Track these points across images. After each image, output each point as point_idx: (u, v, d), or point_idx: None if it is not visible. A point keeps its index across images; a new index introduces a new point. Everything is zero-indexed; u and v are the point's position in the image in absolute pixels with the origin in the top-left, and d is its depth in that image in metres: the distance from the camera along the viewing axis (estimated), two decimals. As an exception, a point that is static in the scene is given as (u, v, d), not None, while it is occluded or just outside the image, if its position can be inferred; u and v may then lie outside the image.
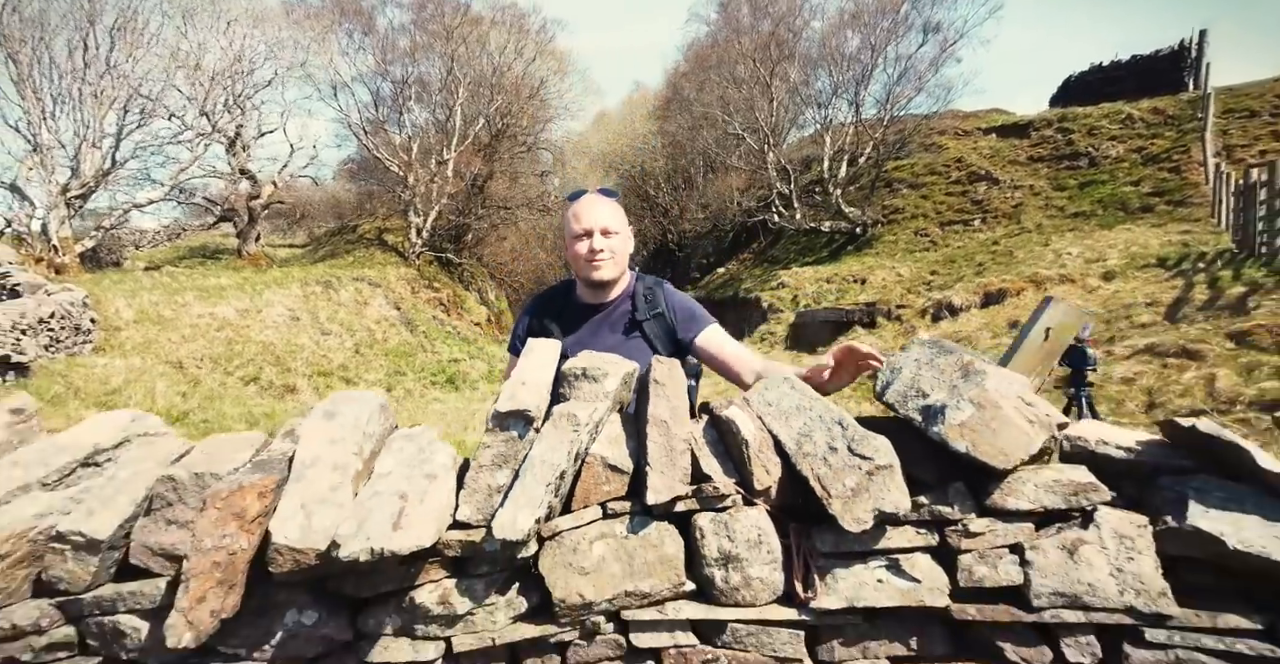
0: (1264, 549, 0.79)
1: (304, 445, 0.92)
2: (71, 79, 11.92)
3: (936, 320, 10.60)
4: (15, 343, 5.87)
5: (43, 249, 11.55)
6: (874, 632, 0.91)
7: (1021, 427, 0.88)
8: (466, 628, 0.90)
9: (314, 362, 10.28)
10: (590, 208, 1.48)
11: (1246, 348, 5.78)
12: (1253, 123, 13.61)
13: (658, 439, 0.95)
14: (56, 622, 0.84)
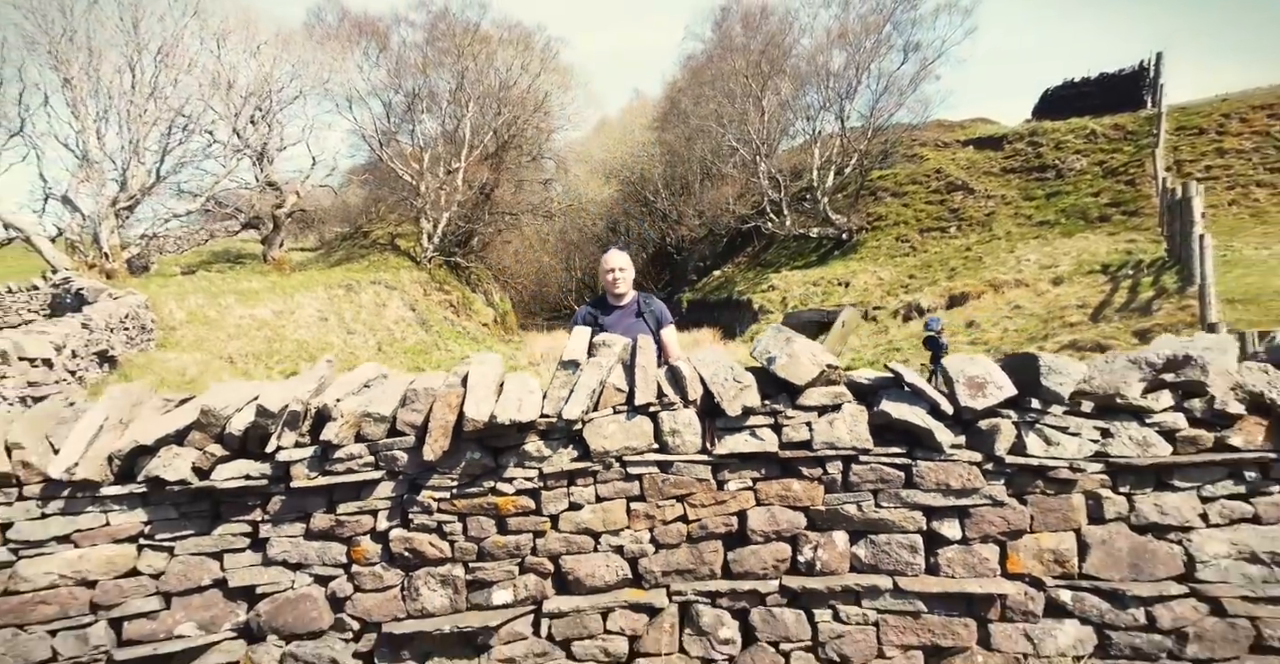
0: (906, 417, 1.76)
1: (472, 374, 1.89)
2: (119, 99, 12.91)
3: (907, 320, 11.57)
4: (108, 340, 6.82)
5: (94, 256, 12.50)
6: (743, 465, 1.86)
7: (808, 365, 1.83)
8: (548, 464, 1.85)
9: (344, 358, 11.23)
10: (613, 256, 2.83)
11: (1146, 343, 6.72)
12: (1200, 139, 14.60)
13: (640, 375, 1.90)
14: (364, 454, 1.80)
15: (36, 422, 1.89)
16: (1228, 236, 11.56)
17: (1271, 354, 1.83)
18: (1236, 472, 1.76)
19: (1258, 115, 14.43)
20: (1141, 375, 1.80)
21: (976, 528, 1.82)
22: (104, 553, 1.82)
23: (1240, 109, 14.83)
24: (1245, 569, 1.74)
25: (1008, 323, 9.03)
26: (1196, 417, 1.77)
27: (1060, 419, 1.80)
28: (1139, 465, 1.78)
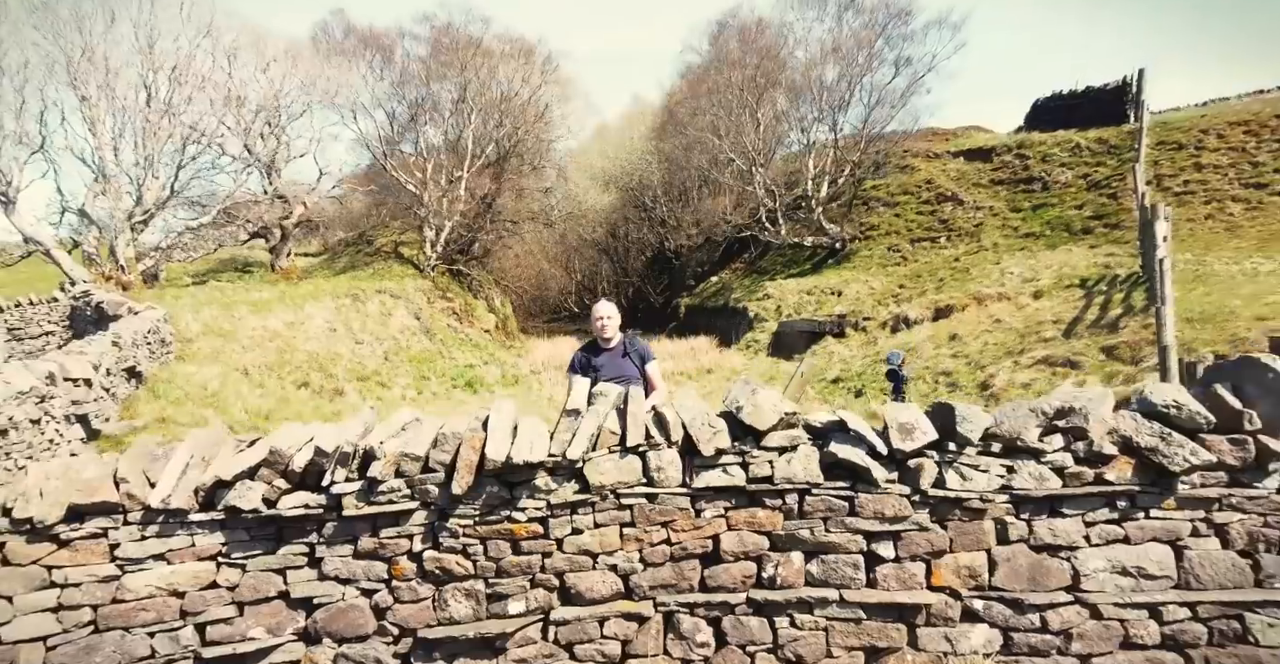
0: (850, 457, 2.15)
1: (492, 419, 2.27)
2: (134, 116, 13.28)
3: (894, 331, 11.97)
4: (135, 356, 7.19)
5: (111, 268, 12.87)
6: (717, 496, 2.25)
7: (769, 413, 2.21)
8: (555, 496, 2.23)
9: (352, 368, 11.61)
10: (601, 307, 3.20)
11: (1113, 359, 7.14)
12: (1179, 154, 15.02)
13: (631, 420, 2.28)
14: (403, 487, 2.18)
15: (135, 459, 2.27)
16: (1203, 250, 11.99)
17: (1140, 404, 2.22)
18: (1111, 501, 2.15)
19: (1234, 131, 14.85)
20: (1038, 422, 2.19)
21: (907, 549, 2.20)
22: (190, 569, 2.20)
23: (1218, 125, 15.25)
24: (1118, 581, 2.12)
25: (988, 336, 9.42)
26: (1081, 456, 2.16)
27: (973, 459, 2.19)
28: (1036, 496, 2.17)
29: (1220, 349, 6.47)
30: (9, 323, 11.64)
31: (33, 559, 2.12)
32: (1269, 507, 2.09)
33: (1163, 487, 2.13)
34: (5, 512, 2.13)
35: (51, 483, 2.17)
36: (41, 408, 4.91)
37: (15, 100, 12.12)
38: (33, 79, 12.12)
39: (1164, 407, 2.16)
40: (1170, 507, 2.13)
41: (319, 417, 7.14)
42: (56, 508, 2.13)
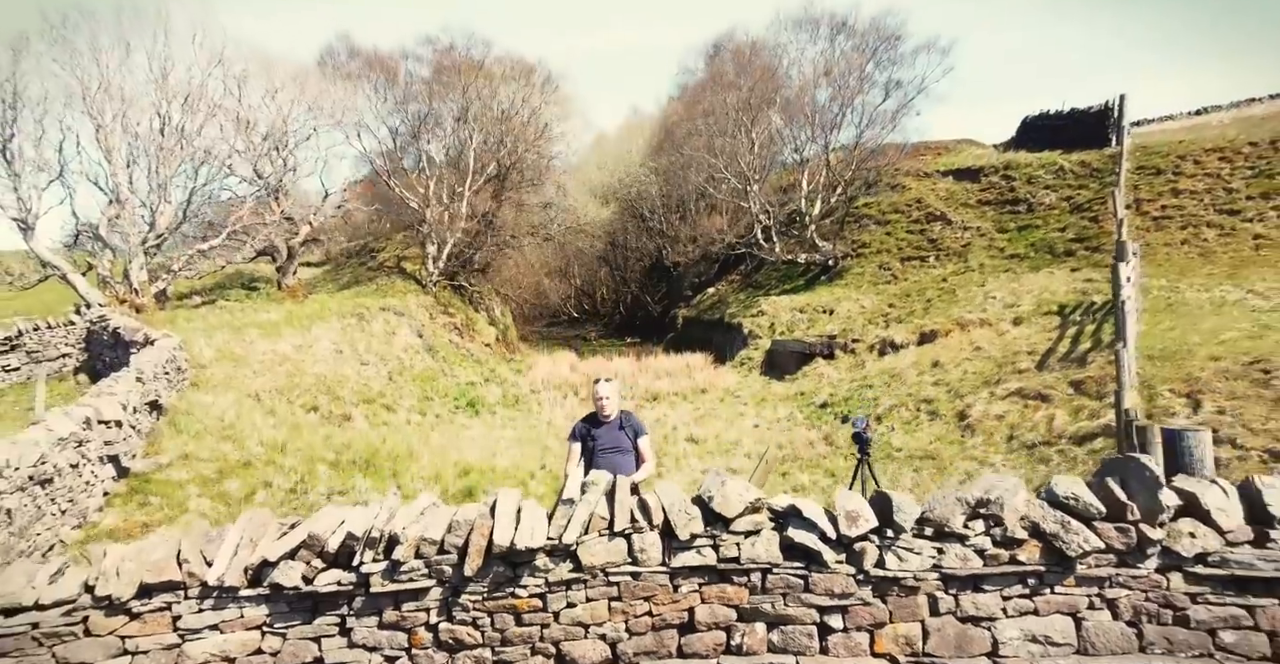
0: (805, 541, 2.51)
1: (499, 506, 2.64)
2: (148, 142, 13.66)
3: (882, 355, 12.35)
4: (156, 389, 7.54)
5: (125, 291, 13.22)
6: (692, 574, 2.61)
7: (736, 502, 2.58)
8: (552, 574, 2.59)
9: (359, 390, 11.96)
10: (602, 387, 3.57)
11: (1080, 394, 7.52)
12: (1158, 180, 15.44)
13: (618, 507, 2.65)
14: (421, 567, 2.55)
15: (194, 540, 2.63)
16: (1177, 276, 12.38)
17: (1047, 494, 2.59)
18: (1024, 578, 2.52)
19: (1210, 157, 15.28)
20: (963, 510, 2.56)
21: (853, 620, 2.57)
22: (240, 638, 2.56)
23: (1195, 151, 15.68)
24: (1029, 647, 2.49)
25: (968, 364, 9.80)
26: (998, 540, 2.53)
27: (909, 542, 2.56)
28: (961, 575, 2.53)
29: (1177, 387, 6.86)
30: (28, 346, 11.98)
31: (110, 630, 2.48)
32: (1149, 584, 2.46)
33: (1064, 567, 2.50)
34: (89, 589, 2.49)
35: (126, 563, 2.53)
36: (79, 451, 5.26)
37: (35, 130, 12.50)
38: (52, 110, 12.50)
39: (1065, 498, 2.54)
40: (1070, 584, 2.50)
41: (329, 447, 7.50)
42: (130, 586, 2.49)
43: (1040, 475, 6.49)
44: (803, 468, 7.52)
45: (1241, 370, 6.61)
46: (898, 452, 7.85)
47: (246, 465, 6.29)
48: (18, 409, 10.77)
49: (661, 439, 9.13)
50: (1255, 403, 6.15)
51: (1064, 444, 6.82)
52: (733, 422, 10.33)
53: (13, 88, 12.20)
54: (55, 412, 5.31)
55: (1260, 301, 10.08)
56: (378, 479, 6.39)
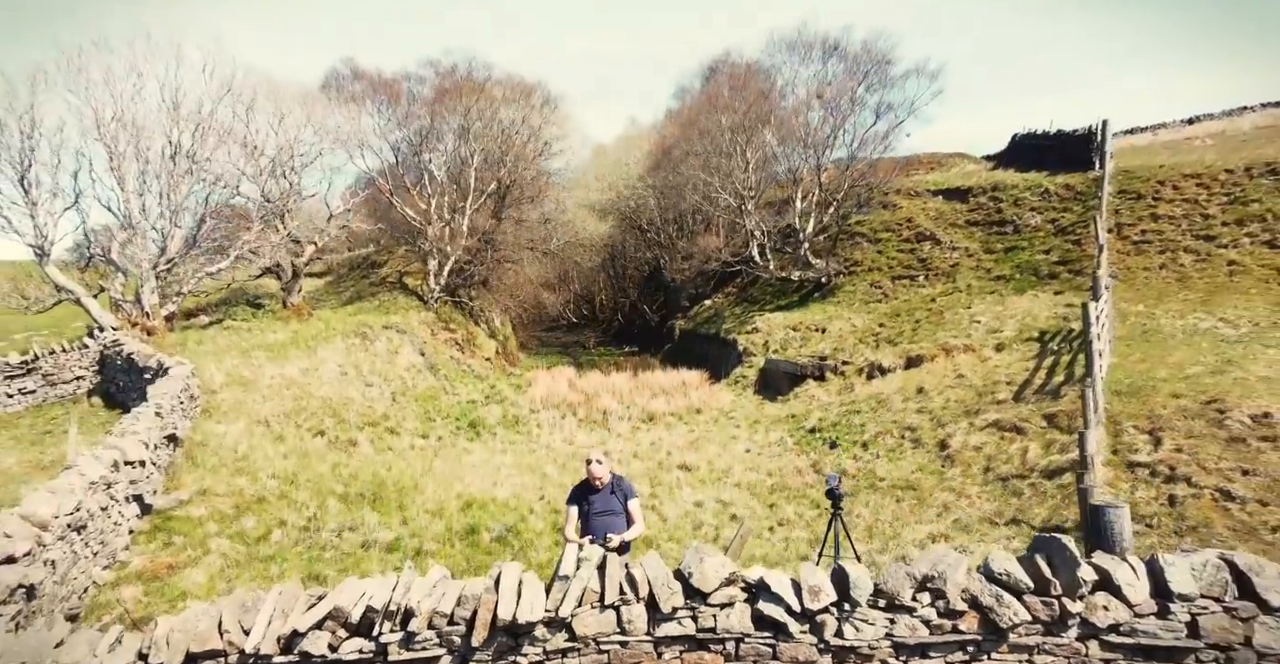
0: (772, 613, 2.85)
1: (503, 580, 2.97)
2: (159, 168, 13.99)
3: (870, 378, 12.69)
4: (174, 422, 7.85)
5: (136, 314, 13.53)
6: (674, 642, 2.93)
7: (713, 577, 2.92)
8: (549, 644, 2.91)
9: (363, 413, 12.27)
10: (595, 467, 3.89)
11: (1053, 427, 7.87)
12: (1138, 204, 15.84)
13: (609, 581, 2.98)
14: (434, 637, 2.88)
15: (232, 611, 2.95)
16: (1154, 301, 12.76)
17: (984, 570, 2.92)
18: (964, 646, 2.85)
19: (1188, 183, 15.68)
20: (911, 584, 2.90)
21: (814, 681, 2.90)
22: (275, 698, 2.88)
23: (1174, 176, 16.08)
24: (968, 711, 2.82)
25: (950, 392, 10.15)
26: (941, 611, 2.86)
27: (864, 613, 2.89)
28: (910, 643, 2.87)
29: (1140, 423, 7.21)
30: (44, 369, 12.28)
31: (160, 695, 2.80)
32: (1070, 651, 2.80)
33: (999, 636, 2.84)
34: (142, 657, 2.81)
35: (175, 634, 2.85)
36: (108, 493, 5.57)
37: (52, 159, 12.82)
38: (68, 139, 12.82)
39: (1000, 574, 2.87)
40: (1004, 651, 2.84)
41: (338, 478, 7.81)
42: (178, 654, 2.81)
43: (1012, 508, 6.84)
44: (790, 498, 7.85)
45: (1199, 409, 6.97)
46: (881, 481, 8.18)
47: (261, 501, 6.60)
48: (34, 432, 11.08)
49: (656, 466, 9.45)
50: (1210, 442, 6.50)
51: (1035, 478, 7.16)
52: (725, 446, 10.66)
53: (30, 119, 12.53)
54: (85, 457, 5.61)
55: (1229, 330, 10.46)
56: (385, 513, 6.70)
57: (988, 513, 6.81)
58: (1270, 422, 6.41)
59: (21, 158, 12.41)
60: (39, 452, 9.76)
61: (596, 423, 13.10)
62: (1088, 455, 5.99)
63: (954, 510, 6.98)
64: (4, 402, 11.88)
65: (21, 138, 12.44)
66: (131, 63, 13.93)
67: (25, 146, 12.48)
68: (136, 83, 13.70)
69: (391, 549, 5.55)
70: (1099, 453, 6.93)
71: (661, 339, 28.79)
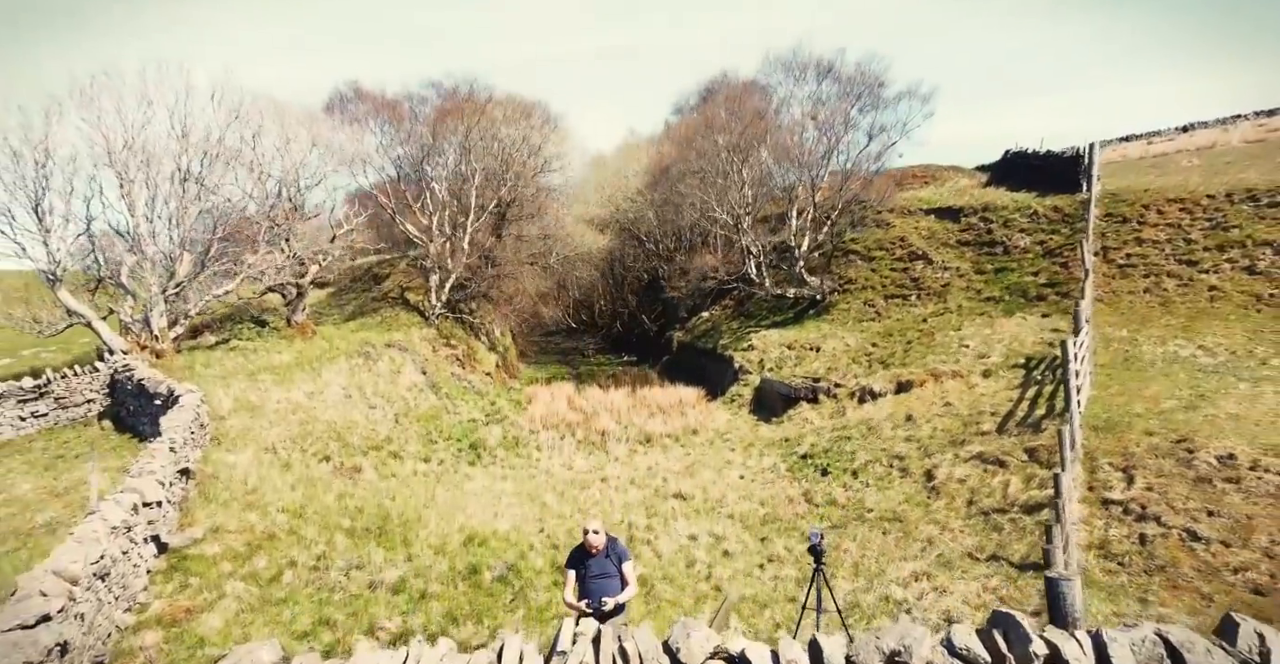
0: (748, 686, 3.13)
1: (504, 654, 3.24)
2: (168, 193, 14.28)
3: (861, 402, 12.97)
4: (186, 455, 8.10)
5: (145, 337, 13.78)
6: (661, 704, 3.21)
7: (699, 653, 3.19)
8: (549, 703, 3.19)
9: (367, 436, 12.52)
10: (592, 537, 4.11)
11: (1033, 461, 8.15)
12: (1124, 228, 16.17)
13: (603, 655, 3.25)
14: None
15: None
16: (1138, 325, 13.07)
17: (947, 644, 3.19)
18: (927, 716, 3.12)
19: (1171, 208, 16.02)
20: (881, 657, 3.17)
21: (790, 743, 3.16)
22: (298, 760, 3.14)
23: (1158, 201, 16.42)
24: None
25: (938, 421, 10.42)
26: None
27: (836, 681, 3.16)
28: (877, 710, 3.14)
29: (1115, 460, 7.50)
30: (56, 392, 12.52)
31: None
32: (1025, 722, 3.07)
33: (960, 704, 3.10)
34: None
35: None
36: (128, 536, 5.82)
37: (65, 187, 13.11)
38: (81, 167, 13.11)
39: (961, 649, 3.15)
40: (964, 718, 3.10)
41: (344, 511, 8.05)
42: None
43: (993, 543, 7.10)
44: (781, 531, 8.11)
45: (1170, 448, 7.25)
46: (869, 512, 8.45)
47: (271, 538, 6.85)
48: (47, 456, 11.31)
49: (652, 494, 9.71)
50: (1178, 482, 6.78)
51: (1015, 512, 7.43)
52: (720, 471, 10.92)
53: (45, 148, 12.81)
54: (108, 502, 5.86)
55: (1207, 359, 10.77)
56: (390, 548, 6.95)
57: (969, 548, 7.08)
58: (1234, 463, 6.69)
59: (36, 186, 12.69)
60: (52, 477, 10.00)
61: (595, 445, 13.36)
62: (1061, 498, 6.26)
63: (938, 544, 7.25)
64: (17, 425, 12.11)
65: (36, 167, 12.72)
66: (142, 91, 14.23)
67: (39, 175, 12.76)
68: (147, 111, 14.00)
69: (397, 590, 5.81)
70: (1075, 490, 7.22)
71: (660, 349, 29.07)
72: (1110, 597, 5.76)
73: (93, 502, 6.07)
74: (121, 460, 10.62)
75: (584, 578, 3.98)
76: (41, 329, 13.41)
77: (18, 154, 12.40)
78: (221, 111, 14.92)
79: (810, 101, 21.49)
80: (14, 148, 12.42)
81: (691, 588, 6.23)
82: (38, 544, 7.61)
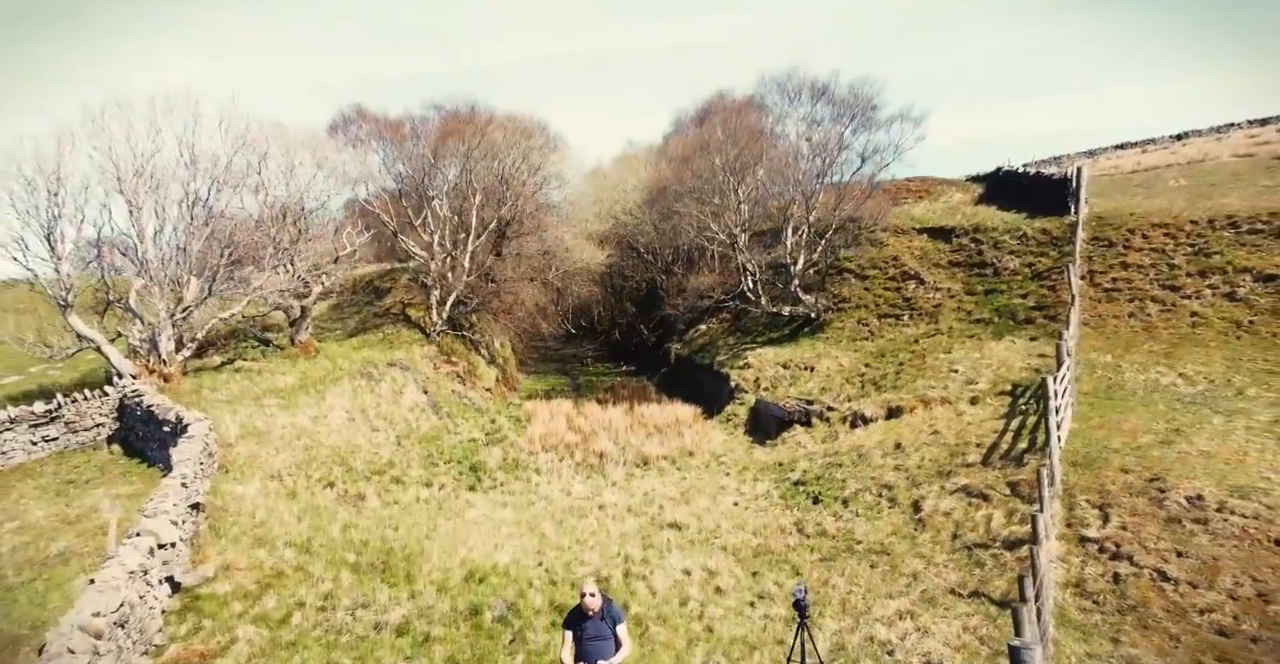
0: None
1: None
2: (177, 222, 14.59)
3: (853, 427, 13.24)
4: (198, 489, 8.36)
5: (154, 361, 14.05)
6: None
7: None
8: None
9: (370, 460, 12.77)
10: (589, 599, 4.34)
11: (1015, 495, 8.42)
12: (1110, 252, 16.51)
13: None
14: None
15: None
16: (1122, 351, 13.36)
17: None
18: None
19: (1156, 233, 16.37)
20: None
21: None
22: None
23: (1143, 225, 16.77)
24: None
25: (926, 450, 10.70)
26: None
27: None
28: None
29: (1092, 498, 7.77)
30: (66, 417, 12.77)
31: None
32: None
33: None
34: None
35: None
36: (145, 580, 6.07)
37: (76, 216, 13.41)
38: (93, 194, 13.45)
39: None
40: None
41: (349, 545, 8.29)
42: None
43: (975, 579, 7.36)
44: (772, 564, 8.36)
45: (1143, 486, 7.53)
46: (858, 544, 8.71)
47: (280, 575, 7.10)
48: (58, 481, 11.54)
49: (648, 523, 9.96)
50: (1151, 521, 7.06)
51: (998, 548, 7.70)
52: (715, 497, 11.18)
53: (57, 176, 13.13)
54: (127, 548, 6.11)
55: (1186, 388, 11.07)
56: (393, 584, 7.20)
57: (953, 583, 7.34)
58: (1202, 504, 6.97)
59: (49, 215, 12.99)
60: (64, 504, 10.24)
61: (593, 468, 13.62)
62: (1039, 545, 6.51)
63: (923, 580, 7.51)
64: (29, 449, 12.35)
65: (48, 196, 13.03)
66: (152, 120, 14.57)
67: (52, 203, 13.07)
68: (156, 139, 14.34)
69: (401, 633, 6.05)
70: (1054, 527, 7.49)
71: (658, 360, 29.35)
72: (1084, 636, 6.02)
73: (110, 546, 6.33)
74: (132, 486, 10.86)
75: (580, 639, 4.23)
76: (53, 354, 13.67)
77: (31, 183, 12.70)
78: (229, 138, 15.27)
79: (805, 122, 21.92)
80: (28, 177, 12.73)
81: (684, 628, 6.48)
82: (53, 575, 7.84)
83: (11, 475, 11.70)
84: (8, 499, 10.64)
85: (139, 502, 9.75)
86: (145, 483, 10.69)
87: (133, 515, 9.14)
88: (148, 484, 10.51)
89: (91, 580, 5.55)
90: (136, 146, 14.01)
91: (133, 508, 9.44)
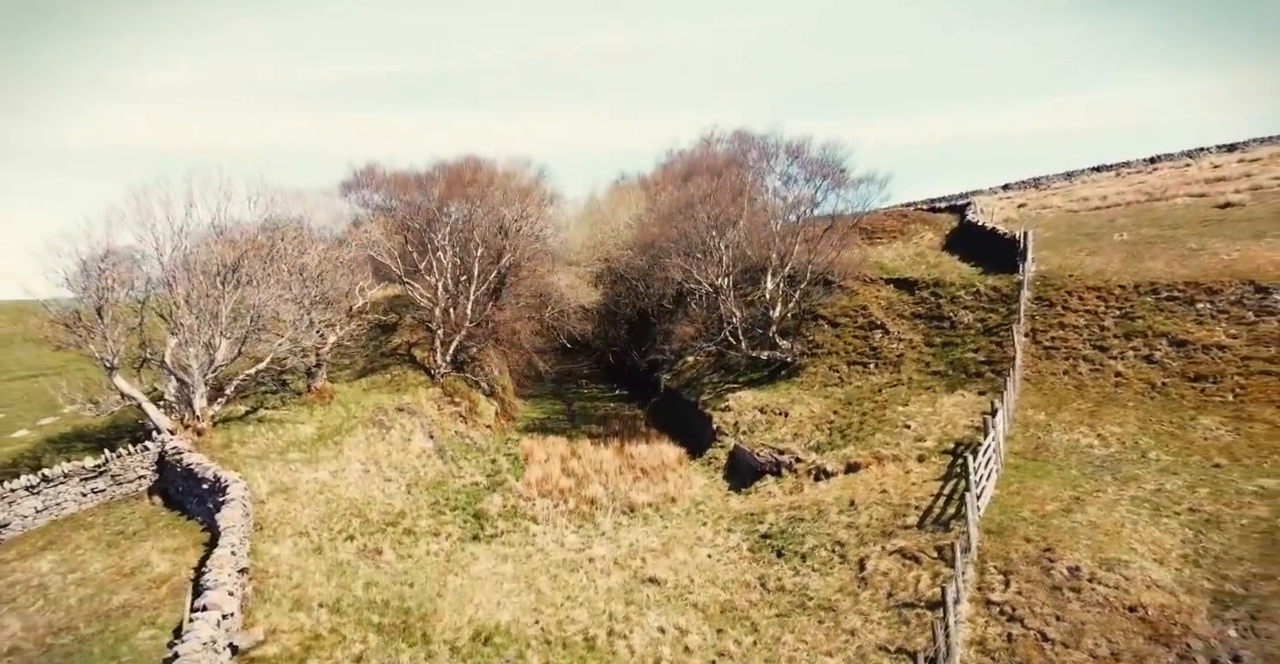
0: None
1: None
2: (208, 288, 15.93)
3: (816, 480, 14.62)
4: (242, 554, 9.60)
5: (189, 417, 15.29)
6: None
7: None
8: None
9: (384, 511, 14.02)
10: None
11: (940, 559, 9.78)
12: (1050, 312, 18.09)
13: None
14: None
15: None
16: (1055, 407, 14.85)
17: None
18: None
19: (1090, 295, 17.98)
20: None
21: None
22: None
23: (1078, 288, 18.38)
24: None
25: (875, 509, 12.07)
26: None
27: None
28: None
29: (999, 564, 9.16)
30: (112, 471, 13.96)
31: None
32: None
33: None
34: None
35: None
36: (213, 648, 7.33)
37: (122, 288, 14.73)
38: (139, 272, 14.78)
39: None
40: None
41: (373, 605, 9.55)
42: None
43: (902, 636, 8.70)
44: (734, 622, 9.67)
45: (1038, 556, 8.93)
46: (810, 600, 10.04)
47: (317, 638, 8.35)
48: (109, 532, 12.70)
49: (631, 577, 11.27)
50: (1040, 588, 8.45)
51: (922, 608, 9.06)
52: (692, 549, 12.49)
53: (105, 250, 14.48)
54: (198, 621, 7.36)
55: (1100, 450, 12.55)
56: (413, 645, 8.47)
57: (883, 640, 8.68)
58: (1079, 574, 8.37)
59: (100, 287, 14.32)
60: (118, 556, 11.42)
61: (584, 516, 14.90)
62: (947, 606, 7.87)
63: (859, 636, 8.84)
64: (80, 501, 13.52)
65: (99, 271, 14.36)
66: (188, 196, 15.99)
67: (100, 277, 14.40)
68: (190, 212, 15.75)
69: (425, 692, 7.31)
70: (966, 590, 8.86)
71: (649, 388, 30.76)
72: (979, 689, 7.36)
73: (186, 623, 7.56)
74: (175, 540, 12.03)
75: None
76: (99, 412, 14.89)
77: (87, 265, 14.04)
78: (256, 210, 16.68)
79: (782, 178, 23.60)
80: (84, 259, 14.07)
81: (655, 684, 7.76)
82: (118, 627, 9.03)
83: (65, 525, 12.86)
84: (65, 549, 11.82)
85: (184, 555, 10.99)
86: (186, 535, 11.91)
87: (181, 569, 10.38)
88: (189, 537, 11.75)
89: (175, 654, 6.81)
90: (175, 221, 15.41)
91: (180, 562, 10.68)
